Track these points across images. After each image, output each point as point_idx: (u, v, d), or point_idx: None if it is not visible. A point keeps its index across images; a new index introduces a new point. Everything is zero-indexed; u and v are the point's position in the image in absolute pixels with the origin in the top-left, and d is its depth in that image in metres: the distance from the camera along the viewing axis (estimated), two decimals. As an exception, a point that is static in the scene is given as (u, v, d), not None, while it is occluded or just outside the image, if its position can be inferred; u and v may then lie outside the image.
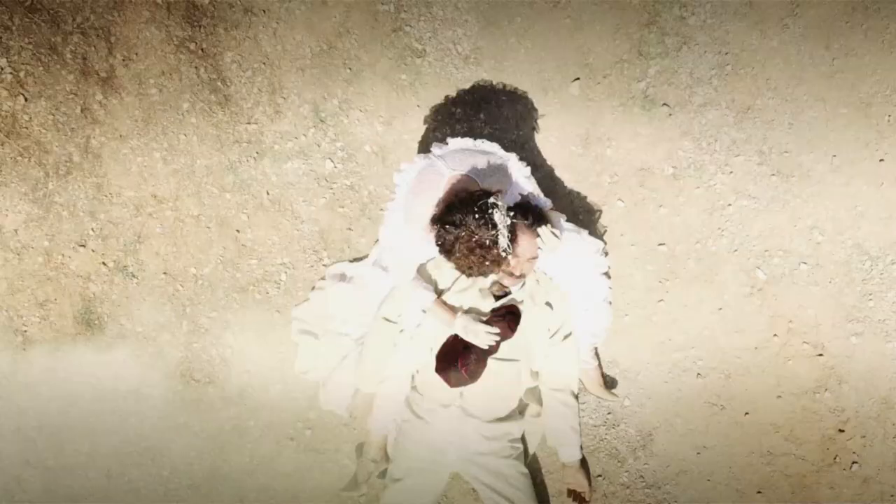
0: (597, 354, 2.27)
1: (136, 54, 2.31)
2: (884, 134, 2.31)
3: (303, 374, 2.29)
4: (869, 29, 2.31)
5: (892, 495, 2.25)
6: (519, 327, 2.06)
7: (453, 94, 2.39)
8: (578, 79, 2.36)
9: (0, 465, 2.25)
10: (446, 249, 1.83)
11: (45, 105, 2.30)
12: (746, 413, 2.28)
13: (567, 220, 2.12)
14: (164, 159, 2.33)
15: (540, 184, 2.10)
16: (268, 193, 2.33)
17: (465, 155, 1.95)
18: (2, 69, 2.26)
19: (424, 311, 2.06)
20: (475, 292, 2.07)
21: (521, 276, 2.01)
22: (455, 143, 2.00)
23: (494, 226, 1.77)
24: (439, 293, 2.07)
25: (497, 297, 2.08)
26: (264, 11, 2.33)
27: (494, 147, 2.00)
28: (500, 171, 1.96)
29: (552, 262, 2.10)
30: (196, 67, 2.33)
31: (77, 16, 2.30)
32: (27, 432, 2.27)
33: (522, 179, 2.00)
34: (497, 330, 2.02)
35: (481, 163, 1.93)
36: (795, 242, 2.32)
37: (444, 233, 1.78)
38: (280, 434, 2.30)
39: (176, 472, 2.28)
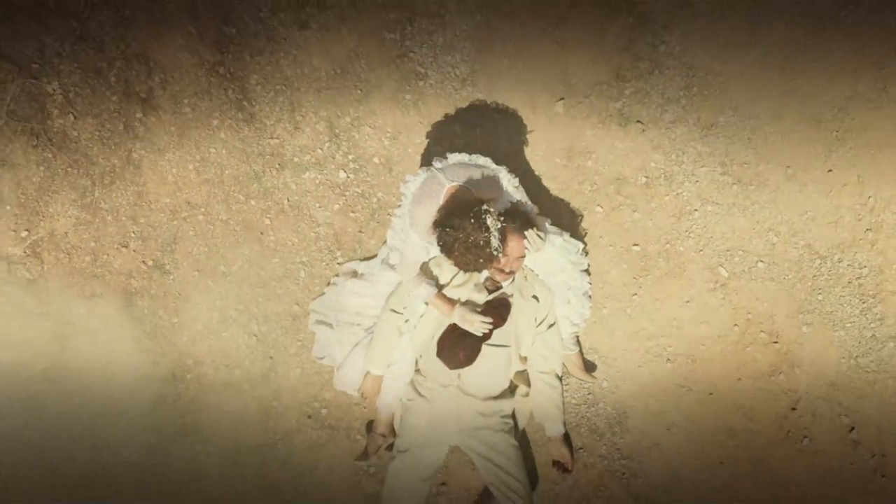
0: (578, 341, 2.50)
1: (172, 77, 2.57)
2: (832, 147, 2.55)
3: (319, 360, 2.52)
4: (818, 55, 2.55)
5: (838, 467, 2.52)
6: (509, 317, 2.30)
7: (452, 112, 2.61)
8: (563, 98, 2.60)
9: (51, 443, 2.53)
10: (446, 249, 2.08)
11: (91, 122, 2.57)
12: (710, 394, 2.51)
13: (551, 224, 2.36)
14: (197, 170, 2.59)
15: (528, 192, 2.34)
16: (288, 200, 2.59)
17: (462, 168, 2.21)
18: (53, 91, 2.52)
19: (427, 304, 2.30)
20: (471, 287, 2.31)
21: (511, 272, 2.25)
22: (453, 157, 2.26)
23: (487, 229, 2.03)
24: (440, 287, 2.30)
25: (490, 291, 2.32)
26: (285, 39, 2.59)
27: (487, 161, 2.26)
28: (493, 181, 2.22)
29: (538, 260, 2.35)
30: (225, 89, 2.59)
31: (120, 44, 2.56)
32: (75, 411, 2.55)
33: (511, 189, 2.26)
34: (490, 319, 2.27)
35: (476, 175, 2.19)
36: (754, 243, 2.55)
37: (445, 235, 2.04)
38: (299, 412, 2.55)
39: (206, 444, 2.54)
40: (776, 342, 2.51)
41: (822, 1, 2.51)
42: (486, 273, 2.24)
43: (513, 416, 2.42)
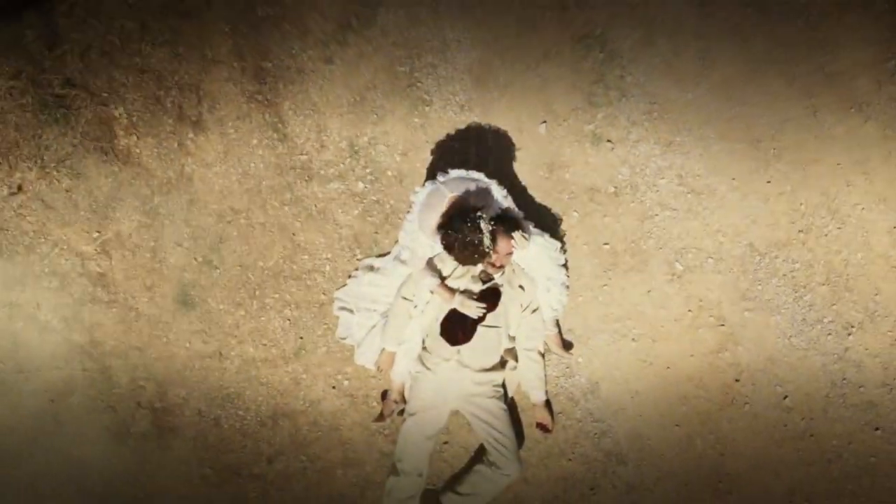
0: (557, 324, 2.91)
1: (218, 104, 3.00)
2: (770, 163, 2.98)
3: (342, 339, 2.94)
4: (758, 87, 2.98)
5: (774, 428, 2.96)
6: (500, 303, 2.68)
7: (453, 132, 3.01)
8: (545, 122, 3.03)
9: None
10: (448, 248, 2.51)
11: (151, 141, 3.01)
12: (668, 367, 2.94)
13: (534, 226, 2.74)
14: (239, 181, 3.03)
15: (515, 200, 2.75)
16: (315, 206, 3.03)
17: (461, 181, 2.63)
18: (120, 115, 2.97)
19: (432, 292, 2.68)
20: (468, 278, 2.69)
21: (501, 266, 2.64)
22: (453, 172, 2.67)
23: (481, 231, 2.45)
24: (443, 279, 2.68)
25: (484, 282, 2.69)
26: (313, 72, 3.02)
27: (481, 175, 2.67)
28: (486, 192, 2.64)
29: (524, 256, 2.75)
30: (262, 113, 3.03)
31: (175, 75, 3.00)
32: (139, 383, 3.00)
33: (501, 198, 2.68)
34: (484, 305, 2.65)
35: (472, 186, 2.61)
36: (704, 242, 2.97)
37: (447, 236, 2.47)
38: (325, 384, 2.98)
39: (248, 411, 2.97)
40: (723, 325, 2.95)
41: (759, 43, 2.97)
42: (480, 267, 2.64)
43: (503, 385, 2.81)
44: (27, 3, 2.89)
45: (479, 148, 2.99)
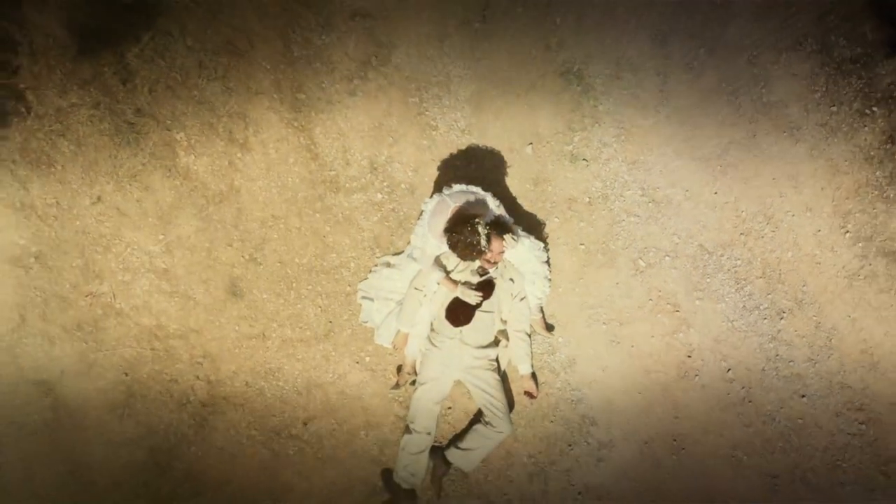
0: (541, 310, 3.46)
1: (261, 129, 3.58)
2: (717, 177, 3.54)
3: (364, 323, 3.50)
4: (707, 114, 3.56)
5: (720, 396, 3.54)
6: (494, 292, 3.23)
7: (455, 152, 3.57)
8: (531, 143, 3.61)
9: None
10: (451, 247, 3.06)
11: (206, 160, 3.59)
12: (632, 346, 3.50)
13: (522, 230, 3.30)
14: (279, 193, 3.60)
15: (506, 208, 3.31)
16: (342, 213, 3.59)
17: (462, 193, 3.19)
18: (181, 138, 3.56)
19: (438, 283, 3.22)
20: (468, 272, 3.23)
21: (495, 262, 3.17)
22: (456, 186, 3.23)
23: (478, 234, 3.00)
24: (447, 273, 3.22)
25: (481, 275, 3.21)
26: (339, 102, 3.59)
27: (478, 188, 3.22)
28: (482, 202, 3.21)
29: (513, 254, 3.32)
30: (298, 136, 3.60)
31: (225, 105, 3.57)
32: (197, 361, 3.57)
33: (494, 207, 3.24)
34: (481, 294, 3.19)
35: (471, 198, 3.17)
36: (663, 243, 3.54)
37: (451, 238, 3.02)
38: (350, 359, 3.55)
39: (287, 382, 3.53)
40: (678, 311, 3.52)
41: (709, 78, 3.54)
42: (478, 263, 3.18)
43: (497, 359, 3.34)
44: (105, 46, 3.48)
45: (477, 165, 3.56)
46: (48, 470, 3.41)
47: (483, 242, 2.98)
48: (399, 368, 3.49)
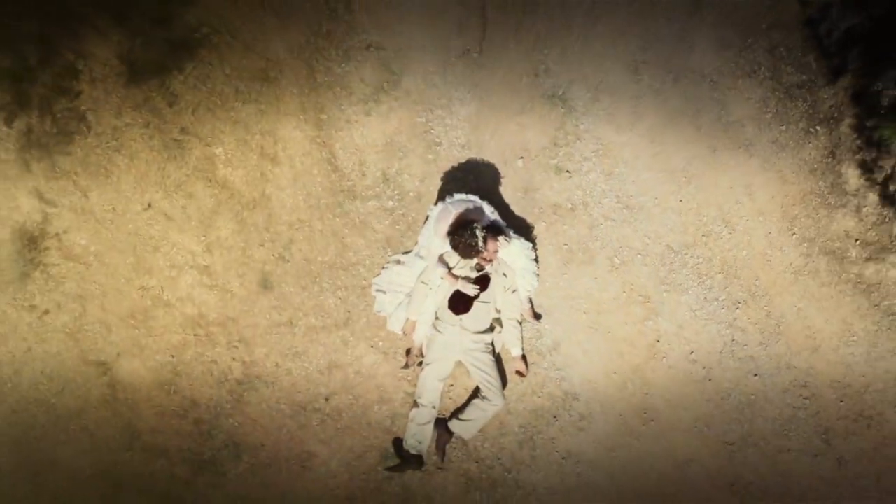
0: (530, 300, 3.95)
1: (289, 145, 4.10)
2: (682, 187, 4.08)
3: (378, 313, 3.99)
4: (675, 131, 4.11)
5: (683, 376, 4.06)
6: (489, 286, 3.76)
7: (456, 165, 4.07)
8: (522, 157, 4.15)
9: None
10: (454, 247, 3.61)
11: (241, 172, 4.12)
12: (609, 332, 4.00)
13: (514, 232, 3.87)
14: (304, 199, 4.12)
15: (500, 214, 3.84)
16: (359, 218, 4.10)
17: (462, 202, 3.72)
18: (220, 153, 4.09)
19: (442, 278, 3.74)
20: (468, 268, 3.73)
21: (490, 260, 3.69)
22: (457, 196, 3.75)
23: (476, 236, 3.53)
24: (449, 269, 3.75)
25: (478, 271, 3.72)
26: (356, 122, 4.10)
27: (476, 197, 3.74)
28: (479, 209, 3.74)
29: (506, 253, 3.86)
30: (321, 151, 4.11)
31: (258, 125, 4.07)
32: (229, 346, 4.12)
33: (490, 213, 3.76)
34: (478, 287, 3.72)
35: (470, 206, 3.70)
36: (635, 244, 4.05)
37: (453, 239, 3.56)
38: (366, 344, 4.05)
39: (311, 363, 4.05)
40: (648, 302, 4.04)
41: (675, 101, 4.08)
42: (476, 260, 3.69)
43: (492, 343, 3.83)
44: (155, 74, 4.01)
45: (475, 176, 4.08)
46: (108, 436, 3.95)
47: (480, 243, 3.51)
48: (408, 351, 4.01)
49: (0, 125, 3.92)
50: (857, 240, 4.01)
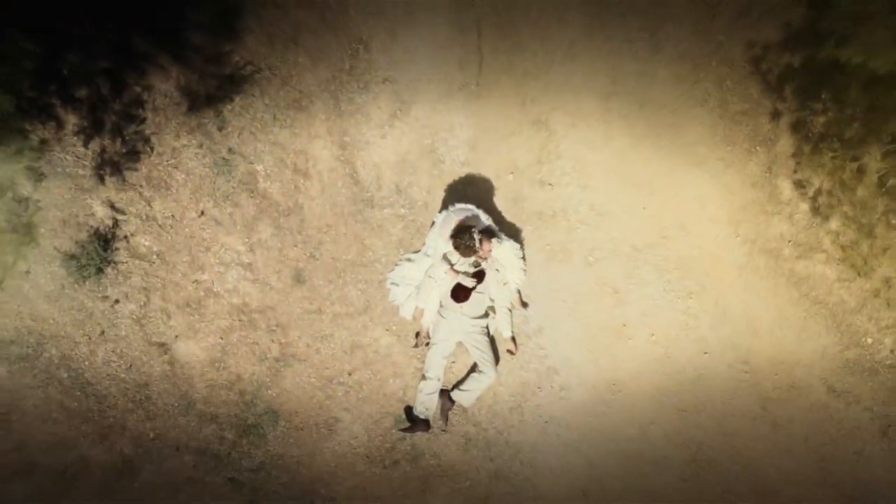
0: (519, 291, 4.72)
1: (319, 162, 4.85)
2: (646, 197, 4.86)
3: (392, 302, 4.78)
4: (640, 151, 4.89)
5: (645, 351, 4.85)
6: (485, 279, 4.60)
7: (457, 179, 4.84)
8: (512, 173, 4.94)
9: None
10: (455, 247, 4.35)
11: (278, 185, 4.88)
12: (584, 318, 4.81)
13: (505, 235, 4.68)
14: (330, 208, 4.85)
15: (494, 220, 4.62)
16: (376, 223, 4.84)
17: (462, 210, 4.49)
18: (261, 169, 4.89)
19: (445, 273, 4.53)
20: (467, 265, 4.43)
21: (486, 258, 4.51)
22: (458, 205, 4.49)
23: (473, 239, 4.31)
24: (451, 265, 4.58)
25: (476, 267, 4.50)
26: (373, 143, 4.86)
27: (473, 206, 4.52)
28: (476, 216, 4.48)
29: (499, 252, 4.66)
30: (344, 168, 4.88)
31: (293, 145, 4.87)
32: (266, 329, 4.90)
33: (485, 219, 4.51)
34: (476, 280, 4.54)
35: (469, 213, 4.46)
36: (606, 245, 4.80)
37: (455, 241, 4.32)
38: (382, 327, 4.81)
39: (336, 344, 4.83)
40: (617, 293, 4.81)
41: (640, 125, 4.87)
42: (473, 258, 4.47)
43: (487, 327, 4.59)
44: (207, 103, 4.79)
45: (473, 189, 4.86)
46: (168, 405, 4.73)
47: (477, 244, 4.25)
48: (417, 334, 4.74)
49: (79, 146, 4.70)
50: (790, 241, 4.81)
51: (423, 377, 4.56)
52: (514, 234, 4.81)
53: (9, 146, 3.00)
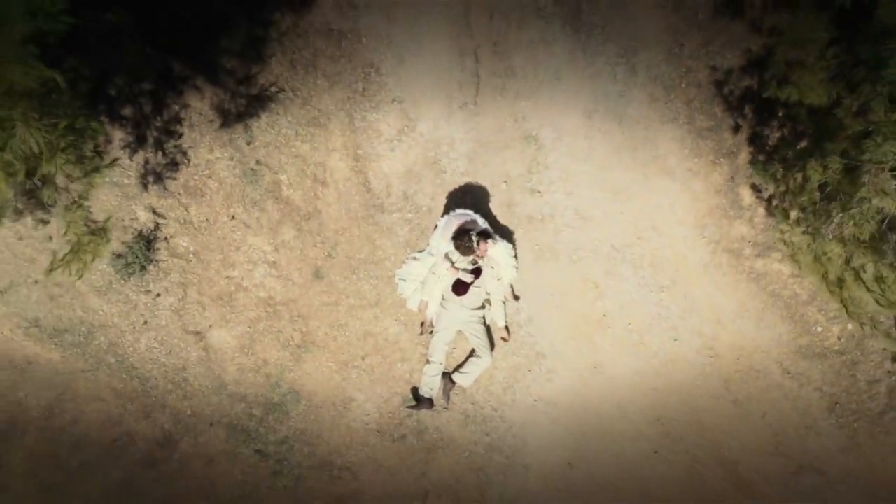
0: (511, 286, 5.40)
1: (336, 172, 5.54)
2: (623, 203, 5.51)
3: (400, 295, 5.44)
4: (618, 162, 5.56)
5: (623, 338, 5.49)
6: (482, 275, 5.28)
7: (457, 187, 5.48)
8: (506, 181, 5.59)
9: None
10: (456, 247, 5.02)
11: (300, 192, 5.50)
12: (569, 310, 5.46)
13: (499, 237, 5.34)
14: (346, 213, 5.52)
15: (490, 223, 5.30)
16: (385, 226, 5.51)
17: (462, 215, 5.13)
18: (285, 178, 5.53)
19: (447, 270, 5.23)
20: (466, 262, 5.17)
21: (482, 257, 5.20)
22: (458, 210, 5.15)
23: (471, 239, 4.99)
24: (452, 263, 5.27)
25: (473, 265, 5.24)
26: (383, 155, 5.53)
27: (471, 211, 5.18)
28: (474, 220, 5.11)
29: (494, 252, 5.32)
30: (358, 177, 5.52)
31: (313, 158, 5.56)
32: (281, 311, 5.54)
33: (482, 223, 5.17)
34: (474, 276, 5.22)
35: (468, 218, 5.10)
36: (587, 245, 5.47)
37: (456, 241, 5.00)
38: (391, 318, 5.45)
39: (350, 332, 5.51)
40: (597, 287, 5.43)
41: (619, 139, 5.53)
42: (471, 257, 5.17)
43: (483, 317, 5.28)
44: (237, 120, 5.43)
45: (471, 196, 5.51)
46: (203, 386, 5.37)
47: (475, 245, 4.91)
48: (422, 323, 5.42)
49: (125, 158, 5.34)
50: (749, 242, 5.45)
51: (428, 361, 5.20)
52: (507, 235, 5.45)
53: (88, 164, 3.61)
